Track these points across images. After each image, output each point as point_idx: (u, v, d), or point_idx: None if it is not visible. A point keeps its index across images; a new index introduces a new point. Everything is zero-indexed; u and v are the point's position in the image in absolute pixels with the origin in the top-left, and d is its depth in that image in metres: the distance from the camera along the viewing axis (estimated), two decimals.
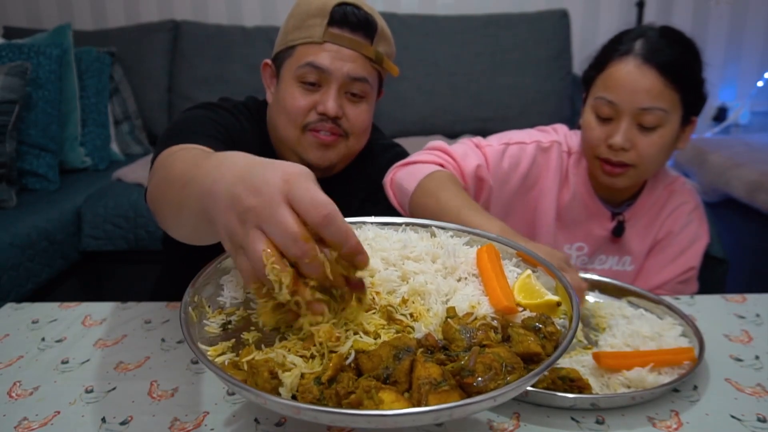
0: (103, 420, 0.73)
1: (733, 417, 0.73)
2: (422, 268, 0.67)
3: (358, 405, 0.50)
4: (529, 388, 0.74)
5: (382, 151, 1.31)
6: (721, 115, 3.10)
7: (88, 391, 0.79)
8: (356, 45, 1.11)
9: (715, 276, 1.65)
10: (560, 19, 2.85)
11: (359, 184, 1.26)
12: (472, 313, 0.62)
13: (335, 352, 0.55)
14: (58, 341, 0.92)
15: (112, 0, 3.22)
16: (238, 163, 0.57)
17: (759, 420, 0.72)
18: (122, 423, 0.72)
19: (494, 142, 1.27)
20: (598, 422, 0.72)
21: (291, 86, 1.13)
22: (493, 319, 0.61)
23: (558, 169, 1.26)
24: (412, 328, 0.60)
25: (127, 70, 2.87)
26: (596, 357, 0.81)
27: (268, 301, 0.54)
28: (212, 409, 0.75)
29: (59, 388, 0.80)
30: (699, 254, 1.27)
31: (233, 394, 0.77)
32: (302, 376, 0.53)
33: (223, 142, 1.04)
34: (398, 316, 0.61)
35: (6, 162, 2.13)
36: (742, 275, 2.11)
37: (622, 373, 0.79)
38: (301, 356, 0.55)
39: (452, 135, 2.78)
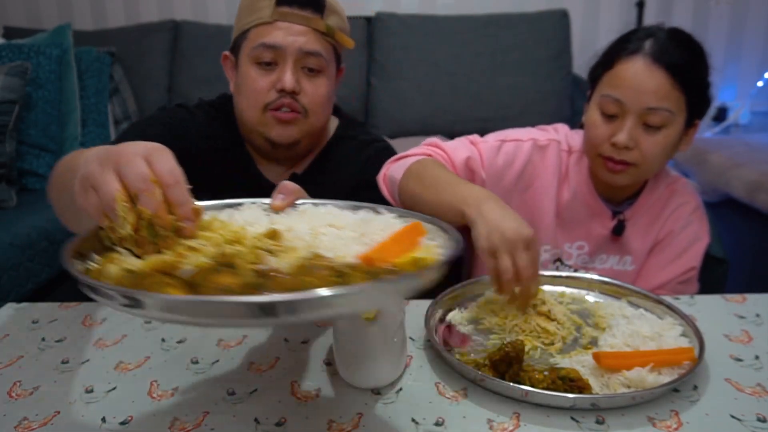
0: (103, 420, 0.73)
1: (733, 417, 0.73)
2: (337, 233, 0.67)
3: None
4: (528, 389, 0.74)
5: (365, 146, 1.33)
6: (721, 115, 3.10)
7: (88, 391, 0.79)
8: (306, 20, 1.14)
9: (715, 276, 1.64)
10: (560, 19, 2.84)
11: (341, 181, 1.27)
12: (323, 256, 0.58)
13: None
14: (58, 341, 0.92)
15: (112, 0, 3.22)
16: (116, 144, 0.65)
17: (759, 420, 0.72)
18: (122, 423, 0.72)
19: (490, 138, 1.28)
20: (598, 422, 0.72)
21: (248, 69, 1.16)
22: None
23: (556, 167, 1.25)
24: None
25: (127, 70, 2.87)
26: (596, 357, 0.81)
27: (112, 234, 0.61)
28: (212, 408, 0.74)
29: (59, 388, 0.80)
30: (699, 254, 1.27)
31: (233, 393, 0.77)
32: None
33: (160, 136, 1.05)
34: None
35: (6, 162, 2.13)
36: (742, 275, 2.10)
37: (622, 373, 0.78)
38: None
39: (452, 135, 2.74)
